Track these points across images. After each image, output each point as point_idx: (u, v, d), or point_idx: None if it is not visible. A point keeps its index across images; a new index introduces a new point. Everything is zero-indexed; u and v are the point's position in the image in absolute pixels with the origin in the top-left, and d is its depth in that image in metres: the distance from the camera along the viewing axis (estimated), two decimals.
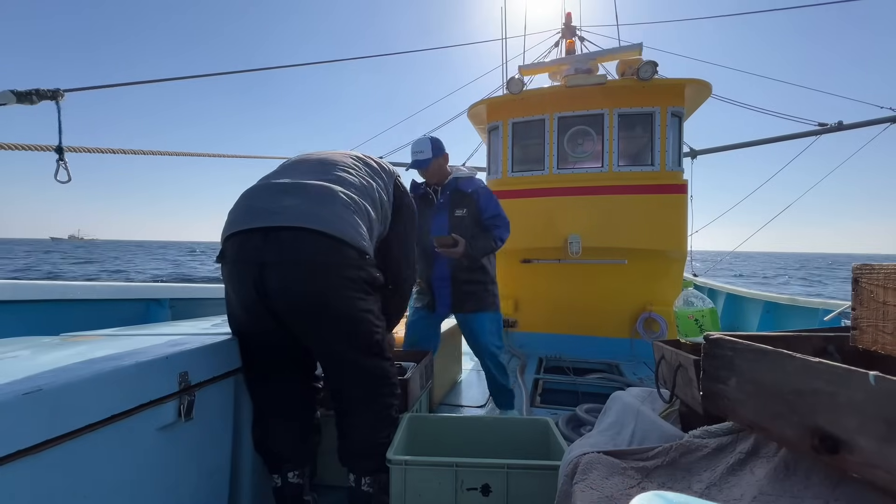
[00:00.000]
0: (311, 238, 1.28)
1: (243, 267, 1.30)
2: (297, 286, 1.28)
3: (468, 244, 2.13)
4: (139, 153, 2.76)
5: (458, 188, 2.29)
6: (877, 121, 4.30)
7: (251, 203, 1.38)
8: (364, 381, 1.41)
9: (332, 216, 1.32)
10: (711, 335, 0.80)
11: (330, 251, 1.29)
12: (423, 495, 1.29)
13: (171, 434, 1.13)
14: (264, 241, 1.28)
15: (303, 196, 1.35)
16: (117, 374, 0.96)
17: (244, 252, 1.31)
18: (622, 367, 3.47)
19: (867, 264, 0.69)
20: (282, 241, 1.27)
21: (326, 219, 1.30)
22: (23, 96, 2.06)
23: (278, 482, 1.44)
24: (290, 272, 1.27)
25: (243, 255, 1.30)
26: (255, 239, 1.29)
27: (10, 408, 0.75)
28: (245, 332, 1.41)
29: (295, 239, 1.27)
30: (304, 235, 1.28)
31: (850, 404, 0.54)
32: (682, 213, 3.58)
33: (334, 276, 1.30)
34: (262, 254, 1.27)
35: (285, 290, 1.28)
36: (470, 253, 2.15)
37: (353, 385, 1.41)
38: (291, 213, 1.30)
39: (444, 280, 2.26)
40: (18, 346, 1.25)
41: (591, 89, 3.66)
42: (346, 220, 1.34)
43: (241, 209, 1.37)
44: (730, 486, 0.70)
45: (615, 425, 1.09)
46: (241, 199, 1.41)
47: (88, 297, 2.20)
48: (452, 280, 2.26)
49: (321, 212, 1.32)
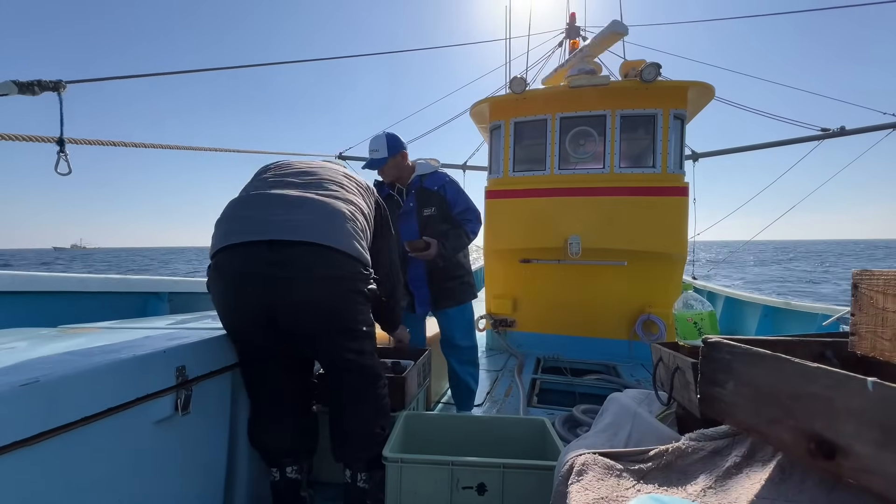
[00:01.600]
0: (323, 253, 1.30)
1: (248, 279, 1.28)
2: (308, 298, 1.30)
3: (441, 244, 2.10)
4: (140, 146, 2.76)
5: (423, 186, 2.23)
6: (879, 126, 4.29)
7: (249, 214, 1.35)
8: (363, 379, 1.43)
9: (340, 232, 1.35)
10: (710, 338, 0.80)
11: (342, 266, 1.33)
12: (419, 493, 1.29)
13: (168, 428, 1.13)
14: (270, 253, 1.27)
15: (311, 211, 1.36)
16: (115, 367, 0.96)
17: (249, 264, 1.28)
18: (620, 369, 3.47)
19: (867, 270, 0.69)
20: (294, 255, 1.28)
21: (335, 234, 1.34)
22: (25, 87, 2.05)
23: (276, 476, 1.45)
24: (303, 287, 1.29)
25: (249, 267, 1.28)
26: (260, 251, 1.27)
27: (6, 399, 0.75)
28: (240, 338, 1.40)
29: (308, 254, 1.29)
30: (317, 250, 1.30)
31: (848, 410, 0.54)
32: (682, 216, 3.58)
33: (345, 290, 1.35)
34: (272, 267, 1.27)
35: (297, 304, 1.29)
36: (444, 254, 2.12)
37: (353, 383, 1.42)
38: (303, 228, 1.30)
39: (420, 280, 2.25)
40: (16, 337, 1.25)
41: (593, 90, 3.65)
42: (351, 234, 1.38)
43: (237, 220, 1.35)
44: (725, 490, 0.71)
45: (612, 426, 1.10)
46: (236, 210, 1.39)
47: (87, 290, 2.20)
48: (429, 279, 2.24)
49: (330, 227, 1.35)
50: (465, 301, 2.36)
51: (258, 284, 1.27)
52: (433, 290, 2.26)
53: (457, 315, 2.34)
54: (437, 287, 2.26)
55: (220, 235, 1.34)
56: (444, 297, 2.28)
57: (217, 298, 1.36)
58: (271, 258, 1.27)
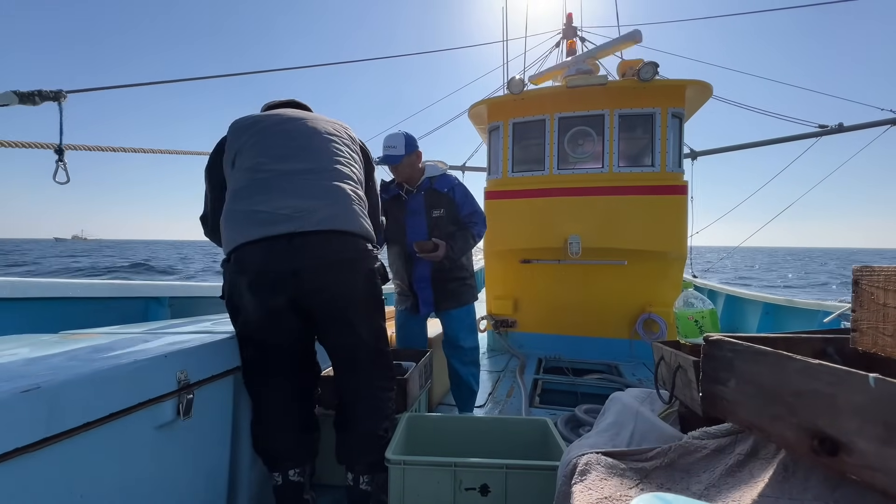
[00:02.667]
0: (336, 238, 1.38)
1: (274, 275, 1.32)
2: (333, 284, 1.37)
3: (448, 246, 2.12)
4: (139, 151, 2.76)
5: (433, 188, 2.25)
6: (877, 122, 4.30)
7: (261, 209, 1.35)
8: (375, 363, 1.47)
9: (347, 213, 1.42)
10: (711, 336, 0.80)
11: (354, 247, 1.42)
12: (422, 495, 1.29)
13: (169, 433, 1.13)
14: (291, 246, 1.32)
15: (321, 197, 1.40)
16: (116, 373, 0.96)
17: (273, 261, 1.32)
18: (621, 368, 3.47)
19: (867, 266, 0.69)
20: (311, 245, 1.34)
21: (345, 217, 1.41)
22: (25, 97, 2.05)
23: (279, 480, 1.44)
24: (324, 273, 1.36)
25: (273, 264, 1.32)
26: (281, 244, 1.32)
27: (8, 405, 0.75)
28: (255, 334, 1.39)
29: (324, 241, 1.36)
30: (331, 237, 1.37)
31: (850, 406, 0.54)
32: (682, 215, 3.58)
33: (361, 269, 1.43)
34: (293, 259, 1.32)
35: (322, 288, 1.36)
36: (451, 255, 2.14)
37: (363, 370, 1.45)
38: (316, 216, 1.36)
39: (424, 281, 2.25)
40: (17, 343, 1.25)
41: (591, 90, 3.66)
42: (358, 213, 1.46)
43: (252, 216, 1.35)
44: (728, 488, 0.70)
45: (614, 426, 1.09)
46: (244, 203, 1.37)
47: (88, 295, 2.20)
48: (433, 280, 2.25)
49: (338, 211, 1.41)
50: (468, 302, 2.37)
51: (286, 277, 1.32)
52: (436, 291, 2.27)
53: (460, 316, 2.34)
54: (440, 288, 2.27)
55: (236, 232, 1.35)
56: (447, 298, 2.29)
57: (238, 294, 1.36)
58: (293, 251, 1.32)
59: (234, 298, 1.38)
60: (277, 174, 1.40)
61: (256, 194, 1.38)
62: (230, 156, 1.46)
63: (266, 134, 1.46)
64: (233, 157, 1.46)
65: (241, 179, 1.42)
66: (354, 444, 1.43)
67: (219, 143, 1.52)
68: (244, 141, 1.45)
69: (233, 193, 1.42)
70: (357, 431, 1.43)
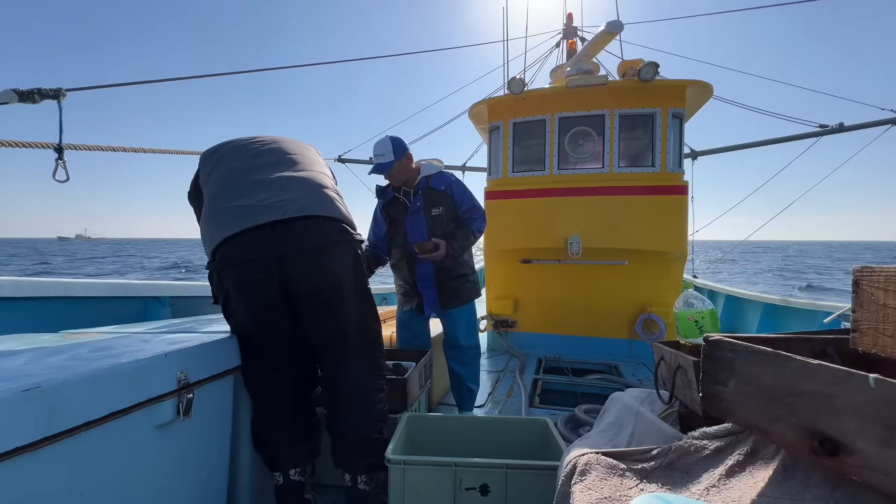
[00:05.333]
0: (318, 223, 1.40)
1: (259, 264, 1.33)
2: (319, 266, 1.39)
3: (449, 245, 2.11)
4: (139, 151, 2.76)
5: (430, 187, 2.23)
6: (877, 122, 4.30)
7: (240, 204, 1.37)
8: (365, 352, 1.47)
9: (326, 200, 1.46)
10: (711, 337, 0.80)
11: (340, 231, 1.45)
12: (422, 495, 1.29)
13: (169, 432, 1.12)
14: (275, 234, 1.34)
15: (298, 187, 1.43)
16: (116, 372, 0.96)
17: (258, 249, 1.33)
18: (621, 368, 3.46)
19: (868, 266, 0.69)
20: (294, 230, 1.36)
21: (325, 204, 1.44)
22: (25, 95, 2.05)
23: (280, 480, 1.44)
24: (309, 256, 1.37)
25: (258, 252, 1.33)
26: (265, 234, 1.33)
27: (8, 405, 0.75)
28: (250, 332, 1.40)
29: (306, 227, 1.38)
30: (313, 222, 1.39)
31: (850, 407, 0.54)
32: (682, 215, 3.58)
33: (347, 251, 1.45)
34: (278, 246, 1.33)
35: (309, 272, 1.38)
36: (452, 254, 2.13)
37: (353, 365, 1.44)
38: (296, 204, 1.38)
39: (429, 280, 2.25)
40: (18, 342, 1.25)
41: (592, 90, 3.66)
42: (336, 199, 1.50)
43: (231, 212, 1.37)
44: (728, 488, 0.70)
45: (614, 426, 1.09)
46: (224, 202, 1.40)
47: (88, 295, 2.20)
48: (437, 279, 2.25)
49: (319, 198, 1.44)
50: (471, 299, 2.36)
51: (271, 265, 1.33)
52: (440, 290, 2.26)
53: (462, 314, 2.34)
54: (443, 286, 2.26)
55: (217, 229, 1.36)
56: (450, 297, 2.28)
57: (230, 286, 1.37)
58: (277, 238, 1.34)
59: (227, 300, 1.39)
60: (253, 172, 1.45)
61: (235, 191, 1.41)
62: (205, 177, 1.52)
63: (238, 146, 1.55)
64: (207, 176, 1.51)
65: (218, 185, 1.46)
66: (349, 449, 1.43)
67: (195, 174, 1.59)
68: (217, 158, 1.53)
69: (210, 197, 1.45)
70: (349, 438, 1.43)
